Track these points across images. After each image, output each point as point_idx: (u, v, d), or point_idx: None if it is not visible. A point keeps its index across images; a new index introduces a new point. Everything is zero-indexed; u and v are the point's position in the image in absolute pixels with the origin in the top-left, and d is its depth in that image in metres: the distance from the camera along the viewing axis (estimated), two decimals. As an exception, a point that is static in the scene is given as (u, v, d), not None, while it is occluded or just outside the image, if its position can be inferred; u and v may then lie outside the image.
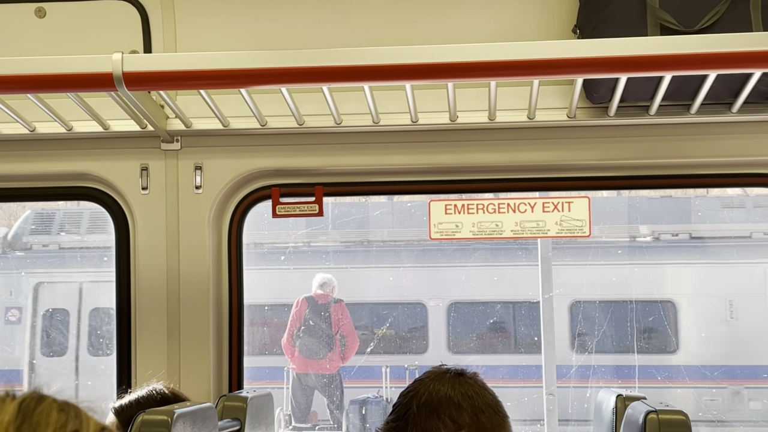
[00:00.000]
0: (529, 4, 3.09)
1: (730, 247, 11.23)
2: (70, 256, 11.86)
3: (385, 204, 11.81)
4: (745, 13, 2.80)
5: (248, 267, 3.30)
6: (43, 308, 11.58)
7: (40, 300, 11.58)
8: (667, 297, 11.04)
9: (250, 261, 8.09)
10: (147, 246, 3.22)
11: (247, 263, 3.29)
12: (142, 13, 3.18)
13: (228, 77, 2.63)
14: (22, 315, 11.53)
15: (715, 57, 2.51)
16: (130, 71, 2.60)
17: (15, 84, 2.68)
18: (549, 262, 10.87)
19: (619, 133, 3.12)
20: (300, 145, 3.20)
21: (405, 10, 3.13)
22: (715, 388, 10.87)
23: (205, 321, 3.20)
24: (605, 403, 2.73)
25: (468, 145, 3.16)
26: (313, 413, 11.08)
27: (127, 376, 3.21)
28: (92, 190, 3.31)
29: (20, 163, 3.27)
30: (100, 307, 11.42)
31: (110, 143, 3.23)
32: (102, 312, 11.44)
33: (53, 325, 11.64)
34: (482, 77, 2.68)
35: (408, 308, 11.47)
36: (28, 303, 11.53)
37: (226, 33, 3.18)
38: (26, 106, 3.04)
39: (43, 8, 3.22)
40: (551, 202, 3.45)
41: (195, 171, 3.21)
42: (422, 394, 2.21)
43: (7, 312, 11.62)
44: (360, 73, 2.60)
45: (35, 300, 11.56)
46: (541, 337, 10.77)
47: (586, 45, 2.64)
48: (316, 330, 10.79)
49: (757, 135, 3.09)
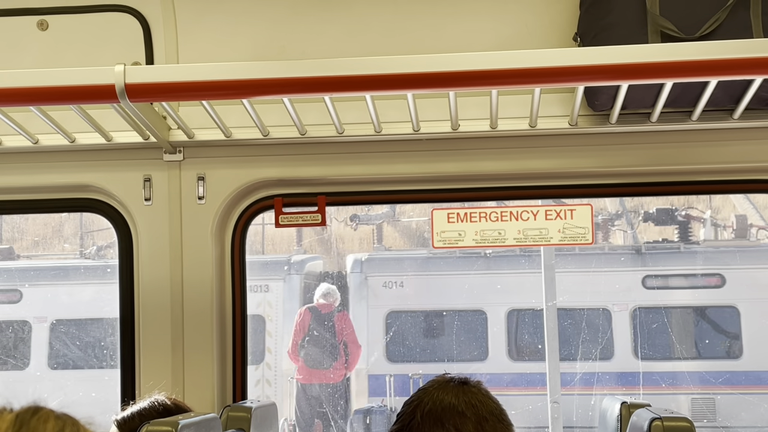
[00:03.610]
0: (530, 13, 3.10)
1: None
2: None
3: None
4: (746, 19, 2.80)
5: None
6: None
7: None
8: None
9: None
10: (150, 257, 3.22)
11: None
12: (144, 24, 3.19)
13: (230, 88, 2.64)
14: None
15: (716, 64, 2.51)
16: (132, 83, 2.61)
17: (18, 96, 2.68)
18: (552, 270, 10.87)
19: (620, 141, 3.12)
20: (302, 155, 3.20)
21: (406, 20, 3.14)
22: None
23: (209, 331, 3.20)
24: (610, 410, 2.72)
25: (470, 153, 3.17)
26: (317, 424, 11.07)
27: (131, 386, 3.21)
28: (95, 201, 3.31)
29: (23, 175, 3.27)
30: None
31: (113, 155, 3.24)
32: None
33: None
34: (484, 86, 2.68)
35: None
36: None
37: (227, 44, 3.18)
38: (29, 119, 3.05)
39: (45, 21, 3.23)
40: (554, 210, 3.45)
41: (198, 181, 3.21)
42: (426, 403, 2.21)
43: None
44: (362, 82, 2.61)
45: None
46: (545, 346, 10.76)
47: (587, 53, 2.65)
48: (320, 339, 10.79)
49: (759, 141, 3.09)
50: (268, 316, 11.65)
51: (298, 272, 11.99)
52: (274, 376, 11.35)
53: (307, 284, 12.06)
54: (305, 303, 11.74)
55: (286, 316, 11.64)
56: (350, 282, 11.86)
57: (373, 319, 11.53)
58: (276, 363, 11.46)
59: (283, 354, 11.38)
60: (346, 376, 11.02)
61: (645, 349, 11.07)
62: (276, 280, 11.76)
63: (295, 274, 11.95)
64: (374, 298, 11.60)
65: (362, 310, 11.55)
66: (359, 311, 11.56)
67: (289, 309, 11.68)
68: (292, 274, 11.92)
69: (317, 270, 12.64)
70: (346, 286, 11.98)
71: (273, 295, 11.75)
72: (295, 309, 11.55)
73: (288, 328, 11.41)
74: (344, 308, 11.36)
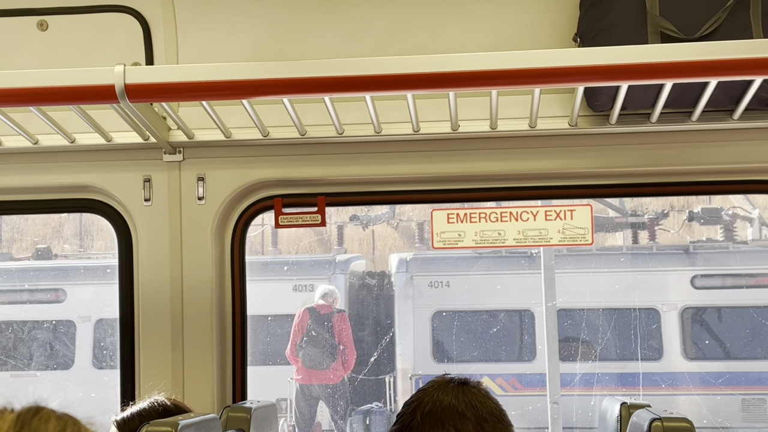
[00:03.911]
0: (530, 13, 3.10)
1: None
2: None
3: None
4: (745, 20, 2.81)
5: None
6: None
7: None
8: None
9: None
10: (150, 257, 3.22)
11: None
12: (143, 25, 3.19)
13: (230, 88, 2.64)
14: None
15: (716, 64, 2.51)
16: (132, 83, 2.61)
17: (17, 97, 2.68)
18: (552, 271, 10.87)
19: (620, 141, 3.12)
20: (302, 156, 3.20)
21: (405, 20, 3.14)
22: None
23: (209, 332, 3.20)
24: (609, 410, 2.72)
25: (470, 154, 3.17)
26: (317, 424, 11.07)
27: (131, 387, 3.21)
28: (95, 202, 3.31)
29: (23, 176, 3.27)
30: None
31: (113, 155, 3.24)
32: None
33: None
34: (483, 86, 2.68)
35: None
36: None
37: (227, 44, 3.19)
38: (29, 119, 3.05)
39: (45, 21, 3.23)
40: (553, 211, 3.45)
41: (197, 182, 3.21)
42: (426, 404, 2.21)
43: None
44: (361, 83, 2.61)
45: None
46: (545, 347, 10.75)
47: (586, 53, 2.65)
48: (319, 340, 10.79)
49: (759, 142, 3.09)
50: None
51: (343, 271, 11.97)
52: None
53: (351, 284, 12.03)
54: (350, 303, 11.72)
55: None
56: (395, 282, 11.81)
57: (419, 318, 11.48)
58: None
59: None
60: (344, 378, 11.01)
61: (694, 349, 11.04)
62: (321, 280, 11.73)
63: (340, 274, 11.92)
64: (420, 298, 11.57)
65: (408, 310, 11.51)
66: (405, 311, 11.51)
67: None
68: (336, 274, 11.89)
69: (360, 269, 12.58)
70: (390, 285, 11.93)
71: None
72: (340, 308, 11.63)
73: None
74: (390, 307, 11.36)
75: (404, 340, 11.43)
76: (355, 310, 12.08)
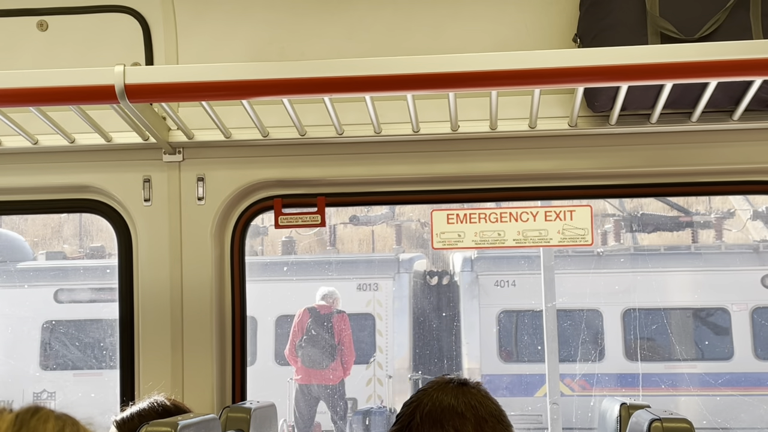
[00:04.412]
0: (530, 14, 3.10)
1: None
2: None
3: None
4: (745, 20, 2.81)
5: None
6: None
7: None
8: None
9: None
10: (150, 257, 3.22)
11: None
12: (143, 25, 3.19)
13: (230, 89, 2.64)
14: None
15: (716, 65, 2.51)
16: (132, 83, 2.61)
17: (17, 97, 2.68)
18: (552, 271, 10.86)
19: (620, 142, 3.12)
20: (302, 156, 3.20)
21: (405, 21, 3.14)
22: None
23: (208, 332, 3.20)
24: (609, 411, 2.72)
25: (469, 154, 3.17)
26: (316, 425, 11.07)
27: (131, 387, 3.21)
28: (95, 202, 3.31)
29: (23, 176, 3.27)
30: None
31: (112, 155, 3.23)
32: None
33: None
34: (483, 87, 2.68)
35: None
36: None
37: (227, 45, 3.18)
38: (29, 119, 3.05)
39: (45, 21, 3.23)
40: (553, 211, 3.45)
41: (197, 182, 3.21)
42: (426, 404, 2.21)
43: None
44: (361, 83, 2.61)
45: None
46: (544, 347, 10.74)
47: (586, 54, 2.65)
48: (319, 340, 10.79)
49: (759, 142, 3.10)
50: (378, 315, 11.57)
51: (407, 270, 11.89)
52: (385, 375, 11.24)
53: (415, 282, 11.96)
54: (414, 301, 11.68)
55: (396, 315, 11.58)
56: (460, 281, 11.72)
57: (485, 318, 11.41)
58: (387, 362, 11.37)
59: (394, 353, 11.35)
60: (343, 379, 11.00)
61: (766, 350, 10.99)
62: (386, 279, 11.68)
63: (405, 273, 11.85)
64: (486, 297, 11.51)
65: (473, 309, 11.43)
66: (470, 310, 11.44)
67: (398, 308, 11.60)
68: (401, 273, 11.83)
69: (422, 269, 12.50)
70: (454, 284, 11.86)
71: (383, 294, 11.66)
72: (405, 308, 11.55)
73: (398, 326, 11.37)
74: (456, 307, 11.28)
75: (470, 339, 11.32)
76: (419, 308, 11.95)
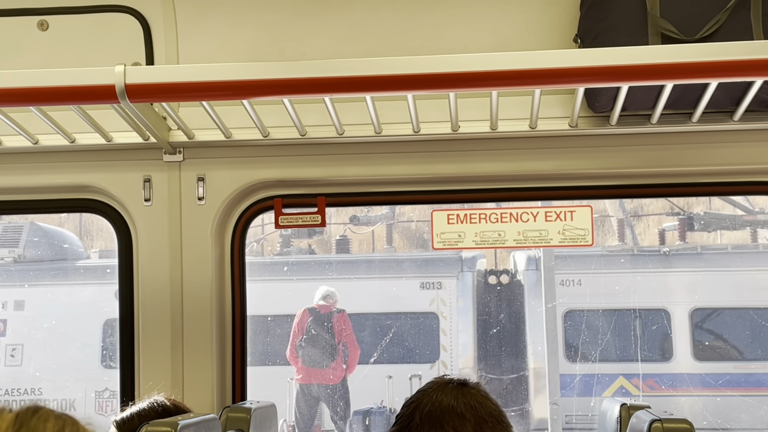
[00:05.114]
0: (530, 14, 3.10)
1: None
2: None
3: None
4: (746, 21, 2.81)
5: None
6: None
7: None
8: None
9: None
10: (150, 257, 3.22)
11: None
12: (144, 25, 3.19)
13: (230, 89, 2.64)
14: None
15: (716, 65, 2.51)
16: (132, 83, 2.61)
17: (18, 97, 2.68)
18: (552, 272, 10.85)
19: (620, 142, 3.12)
20: (302, 156, 3.20)
21: (405, 21, 3.14)
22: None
23: (208, 332, 3.20)
24: (609, 411, 2.72)
25: (470, 154, 3.17)
26: (316, 425, 11.06)
27: (131, 387, 3.21)
28: (95, 202, 3.31)
29: (23, 176, 3.27)
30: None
31: (113, 155, 3.24)
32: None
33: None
34: (484, 87, 2.68)
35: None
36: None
37: (227, 45, 3.19)
38: (29, 119, 3.05)
39: (45, 21, 3.23)
40: (553, 212, 3.45)
41: (197, 182, 3.21)
42: (425, 405, 2.21)
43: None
44: (362, 83, 2.61)
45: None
46: (544, 348, 10.72)
47: (587, 54, 2.65)
48: (319, 340, 10.78)
49: (759, 143, 3.10)
50: (441, 314, 11.45)
51: (471, 269, 11.77)
52: (450, 374, 11.08)
53: (478, 281, 11.83)
54: (478, 300, 11.62)
55: (460, 314, 11.47)
56: (524, 280, 11.61)
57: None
58: (452, 361, 11.28)
59: (459, 352, 11.27)
60: (345, 377, 11.00)
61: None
62: (449, 278, 11.58)
63: (468, 272, 11.72)
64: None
65: (538, 308, 11.32)
66: (535, 309, 11.32)
67: (462, 307, 11.48)
68: (464, 272, 11.70)
69: (483, 267, 12.33)
70: (518, 283, 11.77)
71: (446, 293, 11.54)
72: (468, 307, 11.44)
73: (462, 325, 11.31)
74: (520, 305, 11.20)
75: (536, 338, 11.20)
76: (483, 308, 11.82)
